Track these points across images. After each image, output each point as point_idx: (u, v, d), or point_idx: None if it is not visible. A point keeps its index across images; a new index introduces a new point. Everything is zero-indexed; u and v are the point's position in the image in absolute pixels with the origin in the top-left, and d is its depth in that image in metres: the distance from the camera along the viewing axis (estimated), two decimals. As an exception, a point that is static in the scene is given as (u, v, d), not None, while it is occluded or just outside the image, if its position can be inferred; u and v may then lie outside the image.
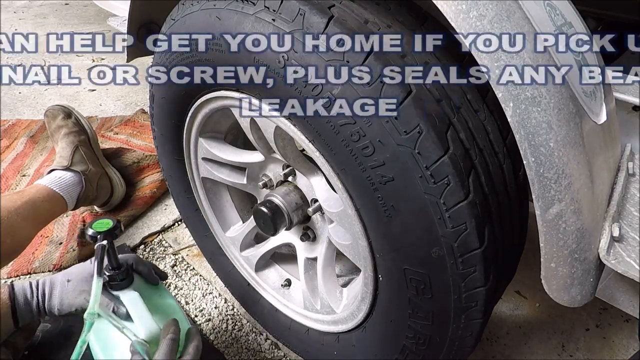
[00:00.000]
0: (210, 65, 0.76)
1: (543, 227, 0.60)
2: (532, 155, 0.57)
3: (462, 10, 0.56)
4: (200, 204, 1.11)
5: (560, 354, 1.12)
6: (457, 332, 0.70)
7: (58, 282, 0.80)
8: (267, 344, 1.14)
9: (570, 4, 0.70)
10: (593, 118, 0.63)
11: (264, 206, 0.89)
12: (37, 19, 3.23)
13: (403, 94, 0.58)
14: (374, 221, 0.68)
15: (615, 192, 0.71)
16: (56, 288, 0.80)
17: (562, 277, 0.64)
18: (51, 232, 1.38)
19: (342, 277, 1.06)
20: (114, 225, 0.79)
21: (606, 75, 0.72)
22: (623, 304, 0.68)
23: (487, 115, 0.65)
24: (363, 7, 0.65)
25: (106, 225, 0.79)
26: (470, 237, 0.61)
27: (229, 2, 0.70)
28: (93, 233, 0.78)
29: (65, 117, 1.52)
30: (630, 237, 0.66)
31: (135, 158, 1.64)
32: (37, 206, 1.17)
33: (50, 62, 2.56)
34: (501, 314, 1.21)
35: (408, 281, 0.70)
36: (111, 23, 1.64)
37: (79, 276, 0.81)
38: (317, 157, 0.71)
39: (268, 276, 1.09)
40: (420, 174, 0.59)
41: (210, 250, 1.17)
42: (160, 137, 1.04)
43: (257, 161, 0.93)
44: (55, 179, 1.29)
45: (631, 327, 1.18)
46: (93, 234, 0.78)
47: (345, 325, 0.89)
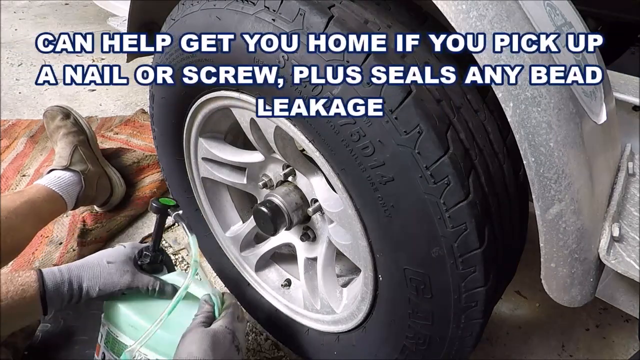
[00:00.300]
0: (212, 65, 0.77)
1: (543, 227, 0.60)
2: (532, 155, 0.57)
3: (462, 10, 0.56)
4: (200, 204, 1.11)
5: (560, 354, 1.12)
6: (457, 332, 0.70)
7: (95, 265, 0.81)
8: (267, 344, 1.14)
9: (570, 4, 0.70)
10: (593, 118, 0.63)
11: (264, 206, 0.89)
12: (37, 19, 3.23)
13: (403, 94, 0.58)
14: (374, 221, 0.68)
15: (615, 192, 0.71)
16: (95, 269, 0.80)
17: (562, 277, 0.64)
18: (51, 232, 1.38)
19: (342, 277, 1.06)
20: (176, 203, 0.88)
21: (606, 75, 0.72)
22: (623, 304, 0.68)
23: (487, 115, 0.65)
24: (363, 7, 0.65)
25: (170, 202, 0.88)
26: (470, 237, 0.61)
27: (229, 2, 0.70)
28: (159, 205, 0.87)
29: (63, 118, 1.52)
30: (630, 237, 0.67)
31: (135, 158, 1.64)
32: (37, 206, 1.17)
33: (50, 62, 2.56)
34: (501, 314, 1.21)
35: (408, 281, 0.70)
36: (111, 23, 1.64)
37: (119, 258, 0.84)
38: (317, 157, 0.71)
39: (268, 276, 1.09)
40: (420, 174, 0.59)
41: (210, 250, 1.17)
42: (160, 137, 1.04)
43: (257, 161, 0.93)
44: (55, 179, 1.29)
45: (631, 327, 1.18)
46: (159, 206, 0.87)
47: (345, 325, 0.89)
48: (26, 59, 2.62)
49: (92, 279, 0.80)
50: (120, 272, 0.82)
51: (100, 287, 0.80)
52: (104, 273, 0.81)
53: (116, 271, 0.82)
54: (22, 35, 2.96)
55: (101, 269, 0.81)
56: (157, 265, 0.88)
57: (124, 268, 0.83)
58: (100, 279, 0.80)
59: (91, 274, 0.80)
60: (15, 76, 2.42)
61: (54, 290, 0.76)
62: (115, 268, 0.82)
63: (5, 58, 2.62)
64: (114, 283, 0.81)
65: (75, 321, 1.09)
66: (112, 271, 0.81)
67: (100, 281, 0.80)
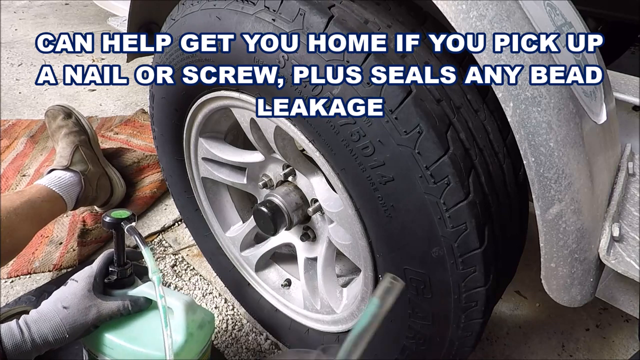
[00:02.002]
0: (212, 65, 0.77)
1: (543, 227, 0.60)
2: (532, 155, 0.57)
3: (462, 10, 0.56)
4: (200, 204, 1.11)
5: (560, 354, 1.12)
6: (457, 332, 0.70)
7: (54, 314, 0.75)
8: (267, 344, 1.14)
9: (570, 4, 0.70)
10: (593, 118, 0.63)
11: (264, 206, 0.89)
12: (37, 19, 3.23)
13: (403, 94, 0.58)
14: (374, 221, 0.68)
15: (615, 192, 0.71)
16: (54, 319, 0.74)
17: (562, 277, 0.64)
18: (51, 232, 1.38)
19: (342, 277, 1.06)
20: (130, 214, 0.82)
21: (606, 75, 0.72)
22: (623, 304, 0.68)
23: (487, 115, 0.65)
24: (363, 7, 0.65)
25: (124, 214, 0.82)
26: (470, 237, 0.61)
27: (229, 2, 0.70)
28: (112, 220, 0.80)
29: (65, 117, 1.52)
30: (630, 237, 0.67)
31: (135, 158, 1.64)
32: (37, 206, 1.17)
33: (50, 62, 2.56)
34: (501, 314, 1.21)
35: (408, 281, 0.69)
36: (111, 23, 1.64)
37: (75, 299, 0.77)
38: (317, 157, 0.71)
39: (268, 276, 1.09)
40: (420, 174, 0.59)
41: (210, 250, 1.17)
42: (160, 137, 1.04)
43: (257, 161, 0.93)
44: (55, 179, 1.29)
45: (631, 327, 1.18)
46: (112, 221, 0.80)
47: (346, 325, 0.89)
48: (26, 59, 2.62)
49: (55, 330, 0.74)
50: (82, 312, 0.76)
51: (69, 333, 0.74)
52: (65, 320, 0.74)
53: (77, 312, 0.75)
54: (22, 35, 2.96)
55: (60, 317, 0.75)
56: (127, 279, 0.83)
57: (85, 305, 0.76)
58: (65, 326, 0.74)
59: (53, 325, 0.74)
60: (15, 76, 2.42)
61: (14, 350, 0.69)
62: (76, 310, 0.76)
63: (5, 58, 2.62)
64: (81, 324, 0.75)
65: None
66: (73, 314, 0.75)
67: (65, 329, 0.74)
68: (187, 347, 0.79)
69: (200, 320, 0.83)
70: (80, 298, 0.77)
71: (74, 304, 0.76)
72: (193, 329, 0.80)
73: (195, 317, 0.82)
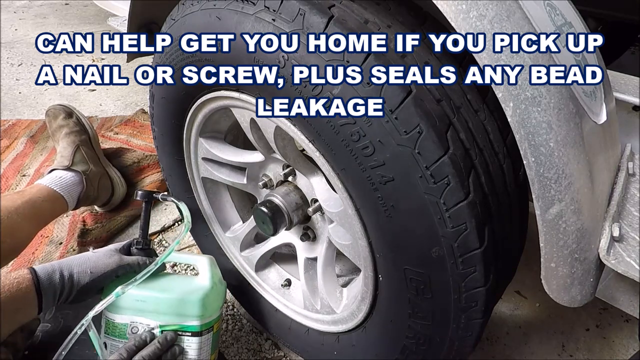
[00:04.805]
0: (212, 65, 0.77)
1: (543, 227, 0.60)
2: (532, 155, 0.57)
3: (462, 10, 0.56)
4: (200, 204, 1.11)
5: (560, 354, 1.12)
6: (457, 332, 0.70)
7: (82, 255, 0.86)
8: (267, 344, 1.14)
9: (570, 4, 0.70)
10: (593, 118, 0.63)
11: (264, 206, 0.89)
12: (37, 19, 3.23)
13: (403, 94, 0.58)
14: (374, 221, 0.68)
15: (615, 192, 0.71)
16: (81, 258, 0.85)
17: (562, 277, 0.64)
18: (51, 232, 1.38)
19: (342, 277, 1.06)
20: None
21: (606, 75, 0.72)
22: (623, 304, 0.68)
23: (487, 115, 0.65)
24: (363, 7, 0.65)
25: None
26: (470, 237, 0.61)
27: (229, 2, 0.70)
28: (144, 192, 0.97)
29: (66, 117, 1.52)
30: (630, 237, 0.67)
31: (136, 158, 1.64)
32: (38, 206, 1.17)
33: (50, 62, 2.56)
34: (501, 314, 1.21)
35: (408, 281, 0.70)
36: (111, 23, 1.64)
37: (103, 250, 0.89)
38: (317, 157, 0.71)
39: (268, 276, 1.09)
40: (420, 174, 0.59)
41: (210, 250, 1.17)
42: (161, 137, 1.04)
43: (257, 161, 0.93)
44: (56, 179, 1.29)
45: (631, 327, 1.18)
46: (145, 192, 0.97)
47: (345, 325, 0.89)
48: (26, 59, 2.62)
49: (80, 265, 0.83)
50: (106, 256, 0.87)
51: (91, 270, 0.83)
52: (91, 259, 0.85)
53: (103, 255, 0.87)
54: (22, 35, 2.96)
55: (88, 256, 0.86)
56: (150, 250, 0.95)
57: (109, 253, 0.88)
58: (89, 263, 0.84)
59: (79, 261, 0.84)
60: (15, 76, 2.42)
61: (46, 279, 0.79)
62: (102, 253, 0.87)
63: (5, 58, 2.62)
64: (104, 264, 0.85)
65: (74, 321, 1.09)
66: (98, 256, 0.86)
67: (89, 265, 0.84)
68: (212, 295, 0.88)
69: (220, 275, 0.95)
70: (107, 249, 0.90)
71: (101, 251, 0.89)
72: (216, 280, 0.91)
73: (217, 271, 0.94)
